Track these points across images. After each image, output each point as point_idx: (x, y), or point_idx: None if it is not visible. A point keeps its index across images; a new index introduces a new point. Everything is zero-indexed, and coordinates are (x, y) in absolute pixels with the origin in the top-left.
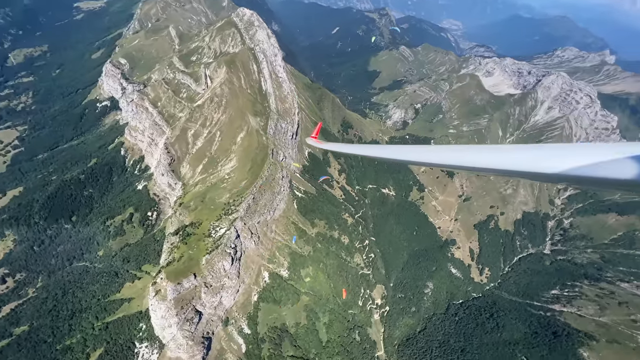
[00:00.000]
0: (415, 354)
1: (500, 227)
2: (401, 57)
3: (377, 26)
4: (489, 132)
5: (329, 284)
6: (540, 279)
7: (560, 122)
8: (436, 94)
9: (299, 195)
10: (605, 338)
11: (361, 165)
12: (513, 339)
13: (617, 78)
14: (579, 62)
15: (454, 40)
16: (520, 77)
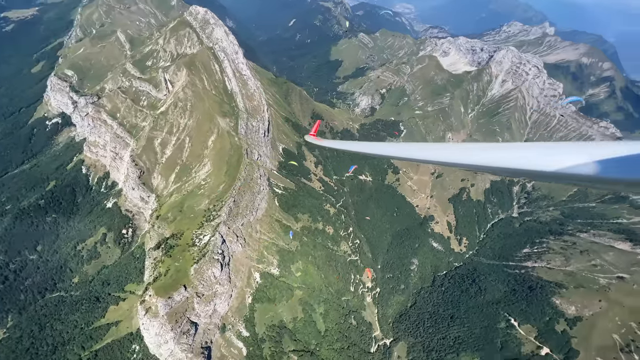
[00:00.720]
0: (409, 328)
1: (472, 198)
2: (361, 45)
3: (333, 15)
4: (452, 110)
5: (319, 275)
6: (512, 240)
7: (514, 93)
8: (399, 78)
9: (279, 192)
10: (573, 285)
11: (336, 155)
12: (495, 299)
13: (557, 48)
14: (524, 35)
15: (408, 24)
16: (474, 54)
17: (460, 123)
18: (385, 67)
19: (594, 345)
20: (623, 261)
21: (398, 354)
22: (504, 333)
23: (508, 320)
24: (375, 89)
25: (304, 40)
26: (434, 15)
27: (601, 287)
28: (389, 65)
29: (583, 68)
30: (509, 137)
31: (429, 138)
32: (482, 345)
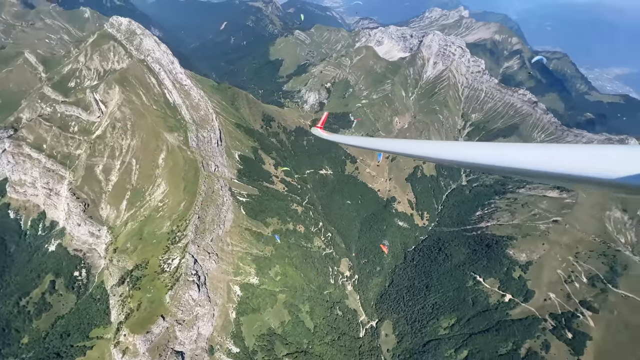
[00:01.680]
0: (391, 306)
1: (426, 174)
2: (298, 42)
3: (265, 14)
4: (395, 95)
5: (299, 274)
6: (466, 206)
7: (445, 73)
8: (341, 71)
9: (244, 200)
10: (520, 235)
11: (293, 154)
12: (460, 262)
13: (474, 29)
14: (444, 20)
15: (339, 17)
16: (406, 41)
17: (404, 107)
18: (326, 62)
19: (544, 283)
20: (555, 207)
21: (385, 332)
22: (473, 290)
23: (474, 278)
24: (320, 83)
25: (240, 43)
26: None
27: (542, 232)
28: (330, 59)
29: (497, 44)
30: (448, 114)
31: (378, 125)
32: (457, 306)
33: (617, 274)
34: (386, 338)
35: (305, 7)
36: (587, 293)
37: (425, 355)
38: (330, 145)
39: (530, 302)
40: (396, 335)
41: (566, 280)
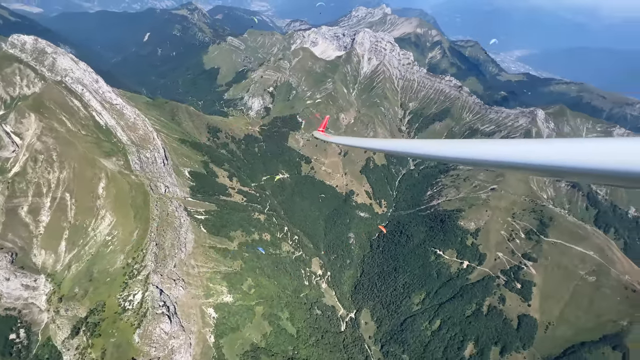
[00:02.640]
0: (366, 295)
1: (378, 164)
2: (233, 48)
3: (192, 22)
4: (337, 93)
5: (272, 283)
6: (417, 188)
7: (380, 67)
8: (281, 74)
9: (202, 218)
10: (467, 206)
11: (247, 162)
12: (421, 240)
13: (398, 24)
14: (370, 17)
15: (269, 21)
16: (339, 40)
17: (347, 103)
18: (266, 66)
19: (492, 245)
20: (491, 177)
21: (365, 321)
22: (435, 264)
23: (435, 252)
24: (263, 88)
25: (169, 54)
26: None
27: (484, 201)
28: (268, 63)
29: (420, 37)
30: (388, 105)
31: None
32: (424, 281)
33: (546, 225)
34: (366, 326)
35: (233, 13)
36: (526, 246)
37: (404, 332)
38: (282, 149)
39: (484, 264)
40: (375, 321)
41: (509, 238)
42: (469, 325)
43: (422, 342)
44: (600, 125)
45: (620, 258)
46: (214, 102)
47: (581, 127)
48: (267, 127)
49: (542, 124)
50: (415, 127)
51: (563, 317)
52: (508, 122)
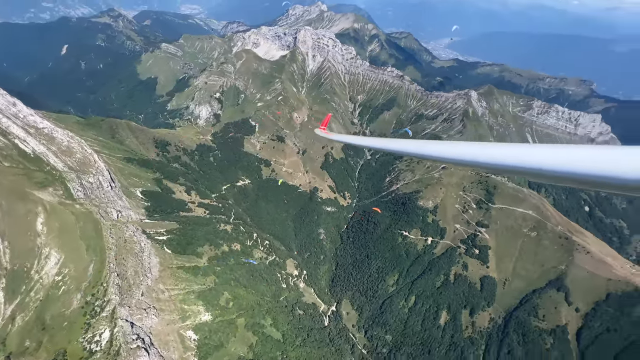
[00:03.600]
0: (343, 286)
1: (336, 157)
2: (169, 55)
3: (117, 30)
4: (287, 93)
5: (250, 292)
6: (376, 177)
7: (325, 64)
8: (227, 78)
9: (164, 239)
10: (423, 187)
11: (203, 173)
12: (387, 225)
13: (335, 20)
14: (307, 15)
15: (204, 24)
16: (281, 39)
17: (299, 102)
18: (208, 72)
19: (450, 218)
20: None
21: (346, 311)
22: (403, 245)
23: (401, 234)
24: (209, 95)
25: (95, 67)
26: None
27: (437, 180)
28: (211, 68)
29: (358, 32)
30: (338, 100)
31: (280, 123)
32: (396, 262)
33: (492, 194)
34: (348, 316)
35: (163, 18)
36: (478, 215)
37: (384, 314)
38: (239, 155)
39: (445, 237)
40: (356, 310)
41: (463, 210)
42: (440, 295)
43: (402, 319)
44: (523, 100)
45: (553, 213)
46: (156, 114)
47: (507, 103)
48: (220, 134)
49: (476, 104)
50: (366, 119)
51: (515, 272)
52: (447, 104)
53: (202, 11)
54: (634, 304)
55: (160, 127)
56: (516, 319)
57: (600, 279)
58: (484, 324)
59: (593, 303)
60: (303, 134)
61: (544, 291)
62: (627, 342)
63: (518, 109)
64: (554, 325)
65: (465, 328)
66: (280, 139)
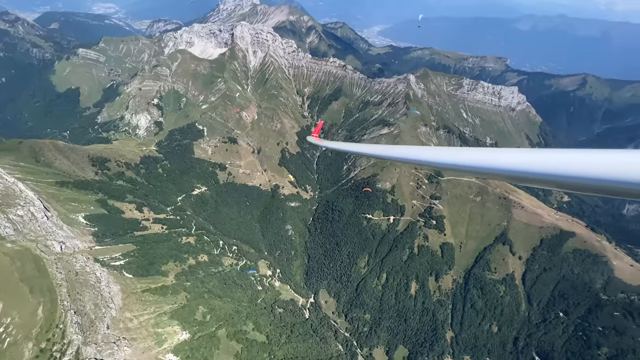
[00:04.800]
0: (318, 277)
1: (293, 152)
2: (89, 62)
3: (18, 37)
4: (232, 92)
5: (226, 301)
6: (334, 166)
7: (268, 59)
8: (163, 82)
9: (121, 263)
10: (379, 170)
11: (153, 187)
12: (351, 211)
13: (270, 14)
14: (240, 9)
15: (124, 24)
16: (217, 36)
17: (246, 100)
18: (141, 77)
19: (407, 196)
20: (390, 139)
21: (324, 300)
22: (369, 227)
23: (365, 217)
24: (146, 102)
25: None
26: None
27: (391, 161)
28: (144, 73)
29: (294, 24)
30: (286, 94)
31: (230, 124)
32: (364, 245)
33: None
34: (327, 304)
35: (73, 20)
36: (430, 189)
37: (360, 295)
38: (191, 163)
39: (405, 214)
40: (333, 297)
41: (417, 187)
42: (408, 267)
43: (377, 297)
44: (454, 79)
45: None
46: (85, 129)
47: (442, 83)
48: (165, 143)
49: (415, 87)
50: (316, 111)
51: (468, 235)
52: (390, 89)
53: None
54: (561, 243)
55: (93, 142)
56: (474, 275)
57: (534, 228)
58: (448, 286)
59: (531, 249)
60: (256, 133)
61: (493, 247)
62: (560, 277)
63: (451, 87)
64: (504, 274)
65: (434, 293)
66: (233, 140)
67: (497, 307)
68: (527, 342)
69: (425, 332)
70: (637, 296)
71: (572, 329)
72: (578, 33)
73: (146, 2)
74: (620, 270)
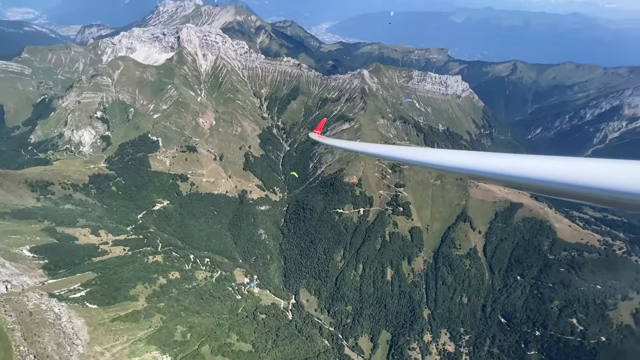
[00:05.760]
0: (296, 276)
1: (257, 155)
2: (12, 75)
3: None
4: (185, 98)
5: (205, 316)
6: (300, 165)
7: (219, 62)
8: (105, 93)
9: (82, 295)
10: (345, 165)
11: (108, 207)
12: (322, 208)
13: (215, 14)
14: (182, 11)
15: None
16: (161, 40)
17: (201, 106)
18: (78, 88)
19: (374, 187)
20: (352, 134)
21: (305, 299)
22: (341, 221)
23: (337, 212)
24: (88, 116)
25: None
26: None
27: (355, 155)
28: (81, 84)
29: (243, 25)
30: (243, 97)
31: (186, 132)
32: (338, 239)
33: None
34: (308, 303)
35: None
36: (395, 178)
37: (340, 289)
38: (148, 176)
39: (374, 204)
40: (314, 294)
41: (382, 177)
42: (382, 255)
43: (356, 287)
44: (404, 72)
45: None
46: (16, 151)
47: (393, 76)
48: (116, 158)
49: (369, 81)
50: (275, 111)
51: (433, 217)
52: (346, 85)
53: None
54: (512, 215)
55: (28, 165)
56: (442, 254)
57: (488, 203)
58: (420, 267)
59: (488, 223)
60: (215, 139)
61: (455, 225)
62: (514, 244)
63: (402, 80)
64: (468, 249)
65: (408, 276)
66: (192, 148)
67: (464, 280)
68: (494, 307)
69: (405, 314)
70: (576, 252)
71: (528, 289)
72: (504, 23)
73: (71, 6)
74: (561, 232)
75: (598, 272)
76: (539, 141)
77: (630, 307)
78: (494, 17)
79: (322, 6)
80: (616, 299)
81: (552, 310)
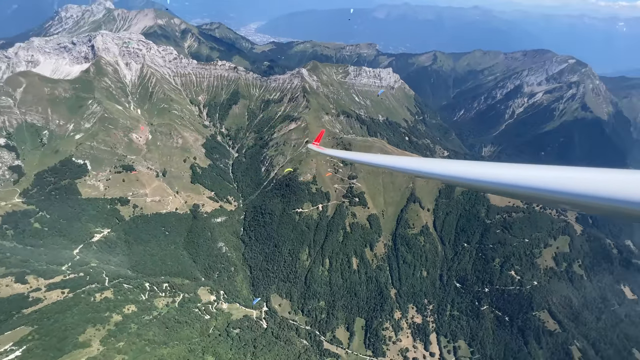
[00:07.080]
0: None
1: (204, 166)
2: None
3: None
4: (111, 113)
5: (173, 344)
6: (251, 171)
7: (146, 70)
8: (7, 115)
9: (17, 355)
10: (297, 164)
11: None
12: (280, 210)
13: (132, 19)
14: (91, 16)
15: None
16: (71, 51)
17: (132, 120)
18: None
19: (328, 183)
20: (298, 133)
21: (278, 304)
22: (302, 220)
23: (296, 212)
24: None
25: None
26: None
27: (306, 154)
28: None
29: (165, 29)
30: (179, 106)
31: (119, 150)
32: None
33: (349, 149)
34: (281, 307)
35: None
36: (347, 171)
37: (310, 286)
38: (80, 205)
39: (331, 199)
40: (285, 297)
41: (335, 172)
42: (345, 246)
43: (326, 282)
44: (341, 68)
45: (391, 149)
46: None
47: (331, 73)
48: (34, 190)
49: (309, 79)
50: (217, 118)
51: (387, 202)
52: (287, 85)
53: None
54: (452, 189)
55: None
56: (399, 235)
57: (432, 182)
58: (382, 251)
59: (434, 201)
60: (155, 154)
61: (407, 207)
62: (458, 216)
63: (340, 76)
64: (420, 227)
65: (372, 261)
66: (128, 168)
67: (422, 255)
68: (449, 275)
69: (374, 298)
70: (506, 214)
71: (474, 253)
72: (420, 17)
73: None
74: (492, 198)
75: (525, 228)
76: (463, 122)
77: (550, 252)
78: (411, 12)
79: (247, 6)
80: (540, 248)
81: (495, 268)
